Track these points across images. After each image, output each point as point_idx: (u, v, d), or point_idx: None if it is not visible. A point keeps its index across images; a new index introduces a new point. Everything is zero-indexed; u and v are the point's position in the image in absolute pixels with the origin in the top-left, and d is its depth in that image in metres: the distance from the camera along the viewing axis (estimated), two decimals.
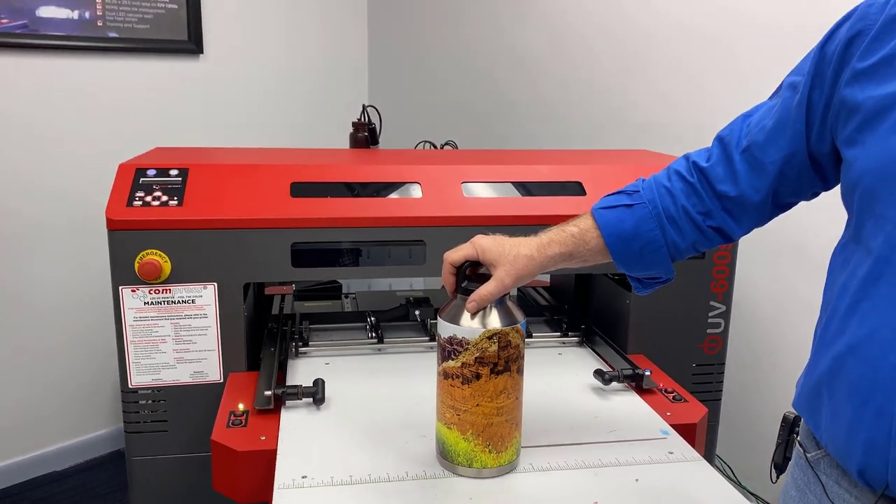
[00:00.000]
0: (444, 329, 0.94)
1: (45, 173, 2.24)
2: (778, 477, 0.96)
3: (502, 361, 0.93)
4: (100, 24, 2.29)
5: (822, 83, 0.81)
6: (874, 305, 0.73)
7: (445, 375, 0.95)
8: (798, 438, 0.89)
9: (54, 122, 2.24)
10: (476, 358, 0.92)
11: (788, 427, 0.94)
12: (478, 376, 0.93)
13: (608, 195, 0.98)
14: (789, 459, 0.93)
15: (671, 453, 1.05)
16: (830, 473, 0.82)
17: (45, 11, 2.19)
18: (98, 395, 2.46)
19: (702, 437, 1.18)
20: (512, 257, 0.92)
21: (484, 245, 0.94)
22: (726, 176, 0.90)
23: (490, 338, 0.91)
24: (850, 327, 0.75)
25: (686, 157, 0.96)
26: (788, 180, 0.87)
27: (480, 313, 0.92)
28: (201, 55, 2.51)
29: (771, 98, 0.91)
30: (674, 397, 1.24)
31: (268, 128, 2.72)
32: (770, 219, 0.93)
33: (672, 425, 1.13)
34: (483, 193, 1.42)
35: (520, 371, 0.96)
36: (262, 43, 2.67)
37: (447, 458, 0.98)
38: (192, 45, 2.48)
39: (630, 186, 0.97)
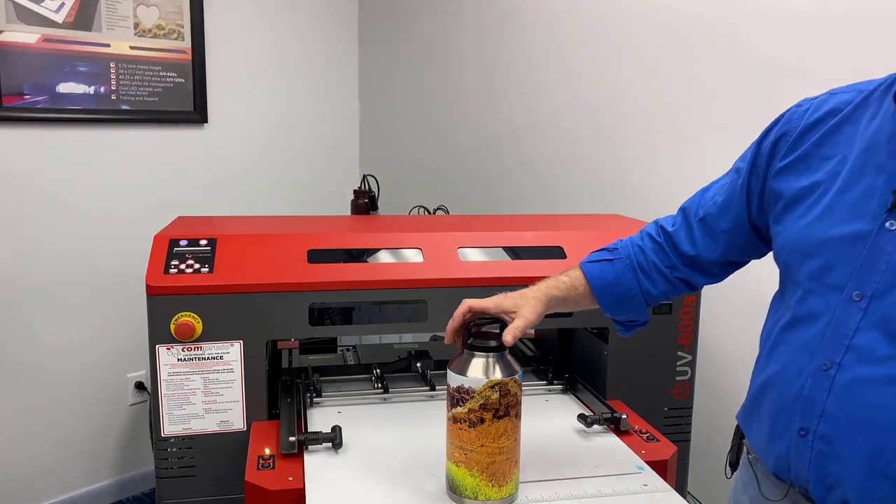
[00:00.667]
0: (453, 380, 1.11)
1: (62, 237, 2.39)
2: (732, 473, 1.16)
3: (503, 407, 1.09)
4: (114, 97, 2.47)
5: (757, 172, 1.03)
6: (786, 349, 0.96)
7: (454, 420, 1.11)
8: (745, 442, 1.10)
9: (72, 188, 2.40)
10: (480, 405, 1.09)
11: (739, 434, 1.13)
12: (482, 420, 1.09)
13: (594, 252, 1.20)
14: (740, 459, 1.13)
15: (646, 485, 1.21)
16: (762, 470, 1.03)
17: (65, 87, 2.37)
18: (102, 448, 2.56)
19: (672, 471, 1.35)
20: (525, 301, 1.11)
21: (497, 301, 1.12)
22: (687, 239, 1.12)
23: (492, 387, 1.08)
24: (770, 364, 0.98)
25: (656, 223, 1.19)
26: (737, 245, 1.09)
27: (484, 366, 1.09)
28: (206, 124, 2.70)
29: (725, 175, 1.12)
30: (647, 437, 1.41)
31: (268, 192, 2.91)
32: (727, 274, 1.15)
33: (646, 462, 1.29)
34: (477, 257, 1.60)
35: (518, 416, 1.12)
36: (261, 113, 2.88)
37: (456, 492, 1.13)
38: (197, 115, 2.67)
39: (611, 245, 1.20)
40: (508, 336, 1.07)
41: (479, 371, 1.09)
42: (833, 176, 0.91)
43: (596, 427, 1.43)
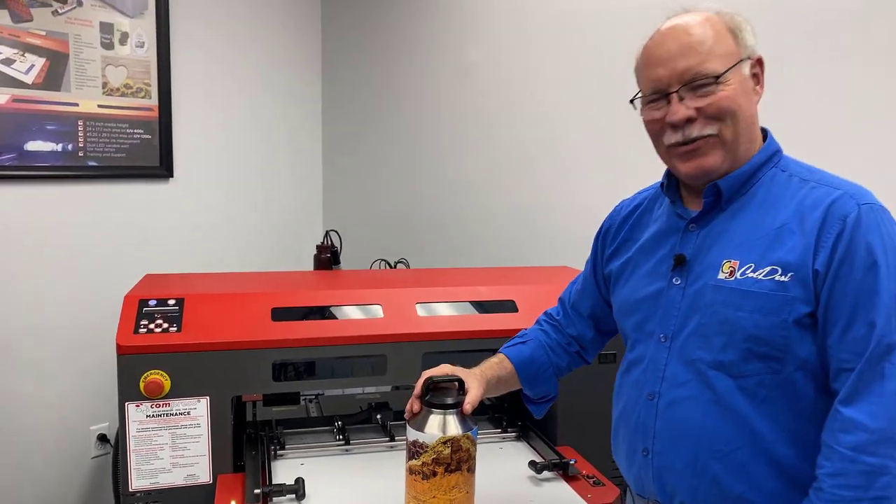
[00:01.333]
0: (410, 434, 1.19)
1: (28, 290, 2.42)
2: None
3: (455, 462, 1.18)
4: (81, 154, 2.53)
5: (597, 260, 1.34)
6: (625, 388, 1.20)
7: (410, 471, 1.19)
8: None
9: (38, 243, 2.44)
10: (433, 459, 1.17)
11: None
12: (434, 473, 1.18)
13: (511, 339, 1.41)
14: None
15: None
16: (633, 492, 1.21)
17: (33, 145, 2.42)
18: (64, 501, 2.56)
19: None
20: (472, 378, 1.28)
21: (458, 371, 1.28)
22: (568, 323, 1.40)
23: (445, 443, 1.17)
24: (619, 403, 1.22)
25: (546, 312, 1.44)
26: (600, 320, 1.37)
27: (439, 422, 1.18)
28: (171, 179, 2.77)
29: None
30: (594, 482, 1.51)
31: (233, 246, 2.97)
32: (607, 341, 1.40)
33: None
34: (435, 312, 1.70)
35: (470, 470, 1.21)
36: (226, 168, 2.96)
37: None
38: (163, 170, 2.74)
39: (522, 332, 1.43)
40: (468, 406, 1.21)
41: (435, 427, 1.18)
42: (639, 252, 1.21)
43: (546, 473, 1.52)
